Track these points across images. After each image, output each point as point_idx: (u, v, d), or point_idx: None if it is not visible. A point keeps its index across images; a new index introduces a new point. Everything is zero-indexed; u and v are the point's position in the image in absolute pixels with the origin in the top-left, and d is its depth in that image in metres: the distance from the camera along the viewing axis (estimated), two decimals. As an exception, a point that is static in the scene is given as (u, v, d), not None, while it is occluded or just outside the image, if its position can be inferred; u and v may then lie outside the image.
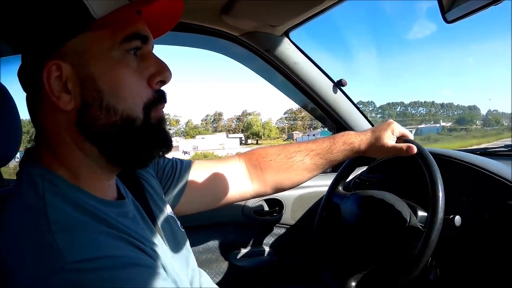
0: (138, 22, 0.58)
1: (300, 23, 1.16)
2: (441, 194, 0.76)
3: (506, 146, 1.26)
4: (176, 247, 0.71)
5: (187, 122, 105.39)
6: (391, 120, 0.93)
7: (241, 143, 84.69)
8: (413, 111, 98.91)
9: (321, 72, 1.36)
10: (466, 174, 0.96)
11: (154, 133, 0.58)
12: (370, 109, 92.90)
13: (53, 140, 0.57)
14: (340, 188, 1.13)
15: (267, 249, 1.44)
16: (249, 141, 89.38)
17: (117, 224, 0.54)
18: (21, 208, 0.51)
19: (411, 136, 0.90)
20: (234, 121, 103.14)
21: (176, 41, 1.29)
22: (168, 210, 0.77)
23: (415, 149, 0.84)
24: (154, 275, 0.49)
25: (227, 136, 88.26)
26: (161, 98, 0.60)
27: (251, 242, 1.43)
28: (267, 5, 1.03)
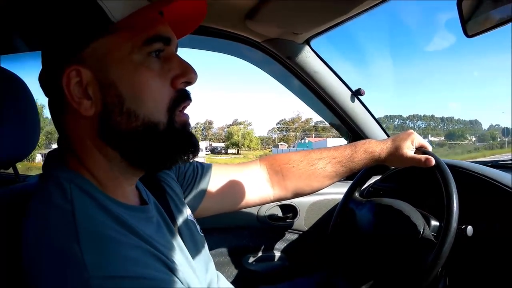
0: (160, 24, 0.57)
1: (322, 31, 1.17)
2: (455, 206, 0.77)
3: None
4: (195, 253, 0.71)
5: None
6: (411, 130, 0.93)
7: (220, 153, 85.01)
8: (412, 125, 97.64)
9: (339, 81, 1.38)
10: (479, 186, 0.96)
11: (179, 137, 0.58)
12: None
13: (76, 146, 0.56)
14: (356, 194, 1.14)
15: (279, 254, 1.45)
16: (229, 150, 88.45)
17: (142, 234, 0.53)
18: (48, 210, 0.50)
19: (429, 148, 0.91)
20: (225, 130, 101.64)
21: (197, 44, 1.31)
22: (188, 214, 0.77)
23: (433, 161, 0.84)
24: None
25: (211, 144, 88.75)
26: (185, 96, 0.58)
27: (263, 247, 1.44)
28: (292, 13, 1.05)
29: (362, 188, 1.24)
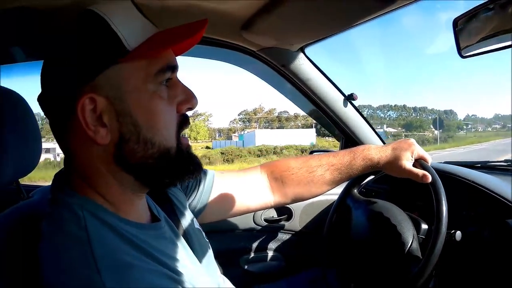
0: (169, 53, 0.59)
1: (317, 40, 1.20)
2: (445, 214, 0.80)
3: (506, 160, 1.30)
4: (205, 260, 0.73)
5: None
6: (412, 141, 0.92)
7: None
8: (382, 115, 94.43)
9: (333, 86, 1.41)
10: (468, 191, 0.99)
11: (186, 160, 0.61)
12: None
13: (87, 170, 0.57)
14: (355, 190, 1.15)
15: (276, 254, 1.50)
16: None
17: (156, 254, 0.55)
18: (64, 240, 0.51)
19: (429, 160, 0.91)
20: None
21: (195, 53, 1.32)
22: (195, 223, 0.79)
23: (429, 179, 0.84)
24: None
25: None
26: (186, 121, 0.61)
27: (260, 248, 1.49)
28: (287, 25, 1.07)
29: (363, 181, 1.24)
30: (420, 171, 0.86)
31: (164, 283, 0.52)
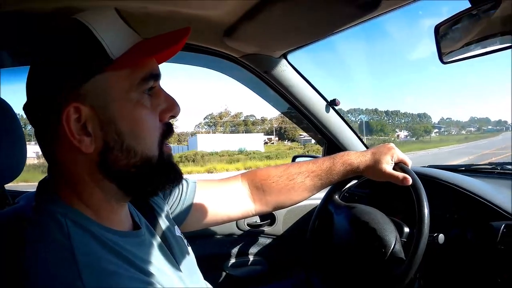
0: (152, 61, 0.59)
1: (299, 47, 1.22)
2: (426, 216, 0.81)
3: (490, 164, 1.33)
4: (187, 267, 0.73)
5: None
6: (391, 145, 0.94)
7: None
8: (353, 118, 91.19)
9: (315, 92, 1.43)
10: (451, 195, 1.02)
11: (167, 168, 0.61)
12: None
13: (72, 178, 0.57)
14: (336, 196, 1.15)
15: (259, 259, 1.51)
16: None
17: (137, 262, 0.55)
18: (48, 247, 0.51)
19: (409, 163, 0.92)
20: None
21: (178, 59, 1.33)
22: (176, 230, 0.79)
23: (410, 181, 0.85)
24: None
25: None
26: (170, 130, 0.62)
27: (244, 252, 1.49)
28: (269, 31, 1.08)
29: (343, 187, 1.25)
30: (400, 174, 0.88)
31: None
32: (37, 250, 0.51)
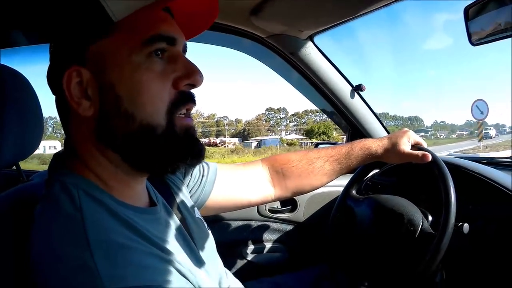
0: (163, 23, 0.55)
1: (326, 28, 1.19)
2: (453, 201, 0.79)
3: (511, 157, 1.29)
4: (205, 250, 0.70)
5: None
6: (406, 129, 0.96)
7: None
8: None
9: (341, 76, 1.40)
10: (476, 184, 0.98)
11: (179, 142, 0.55)
12: (282, 116, 78.17)
13: (79, 148, 0.56)
14: (353, 191, 1.16)
15: (279, 246, 1.49)
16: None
17: (152, 237, 0.53)
18: (57, 218, 0.49)
19: (425, 145, 0.94)
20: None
21: (202, 39, 1.31)
22: (196, 212, 0.77)
23: (430, 157, 0.87)
24: None
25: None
26: (186, 98, 0.56)
27: (263, 239, 1.48)
28: (297, 11, 1.07)
29: (361, 182, 1.26)
30: (419, 152, 0.89)
31: (161, 267, 0.50)
32: (45, 222, 0.50)
